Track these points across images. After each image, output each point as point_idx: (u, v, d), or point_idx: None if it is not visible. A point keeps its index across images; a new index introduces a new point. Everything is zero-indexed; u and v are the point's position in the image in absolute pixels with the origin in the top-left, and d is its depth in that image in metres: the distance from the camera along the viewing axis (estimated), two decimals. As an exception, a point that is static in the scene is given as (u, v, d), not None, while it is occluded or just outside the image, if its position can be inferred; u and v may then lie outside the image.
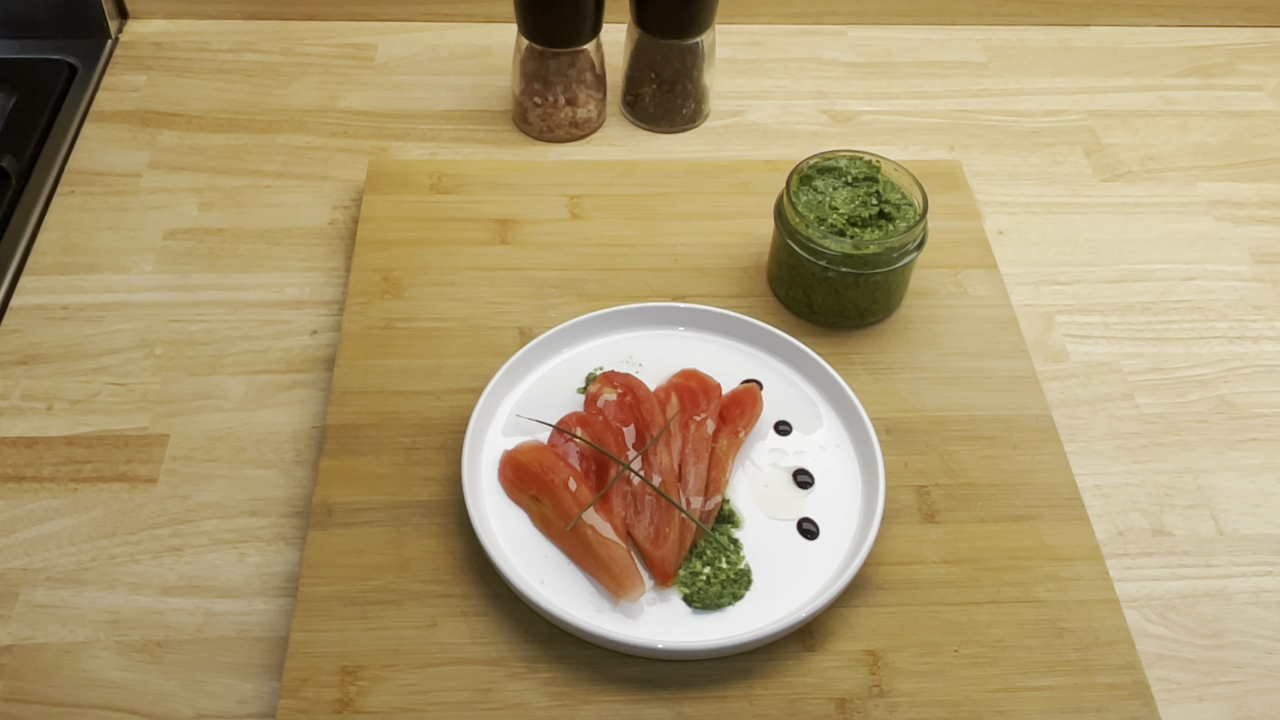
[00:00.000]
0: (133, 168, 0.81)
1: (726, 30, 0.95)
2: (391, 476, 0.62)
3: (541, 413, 0.65)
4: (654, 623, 0.56)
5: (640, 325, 0.70)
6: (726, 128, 0.88)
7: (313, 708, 0.53)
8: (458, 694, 0.54)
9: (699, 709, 0.55)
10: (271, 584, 0.60)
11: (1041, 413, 0.67)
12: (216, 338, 0.71)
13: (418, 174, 0.79)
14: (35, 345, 0.70)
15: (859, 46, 0.96)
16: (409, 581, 0.58)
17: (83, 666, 0.56)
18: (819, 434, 0.65)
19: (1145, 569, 0.63)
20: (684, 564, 0.58)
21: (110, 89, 0.88)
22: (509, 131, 0.87)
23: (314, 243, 0.77)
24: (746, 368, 0.68)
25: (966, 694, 0.56)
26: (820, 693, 0.55)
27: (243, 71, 0.90)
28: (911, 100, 0.92)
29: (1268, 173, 0.87)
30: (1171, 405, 0.71)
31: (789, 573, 0.59)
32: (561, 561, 0.59)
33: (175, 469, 0.64)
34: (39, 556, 0.60)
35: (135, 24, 0.94)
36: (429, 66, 0.92)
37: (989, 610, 0.59)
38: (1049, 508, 0.63)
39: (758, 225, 0.76)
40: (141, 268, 0.75)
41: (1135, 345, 0.74)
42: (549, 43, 0.80)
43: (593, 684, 0.55)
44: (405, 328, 0.70)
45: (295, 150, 0.84)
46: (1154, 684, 0.58)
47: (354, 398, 0.66)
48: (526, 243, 0.75)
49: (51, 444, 0.65)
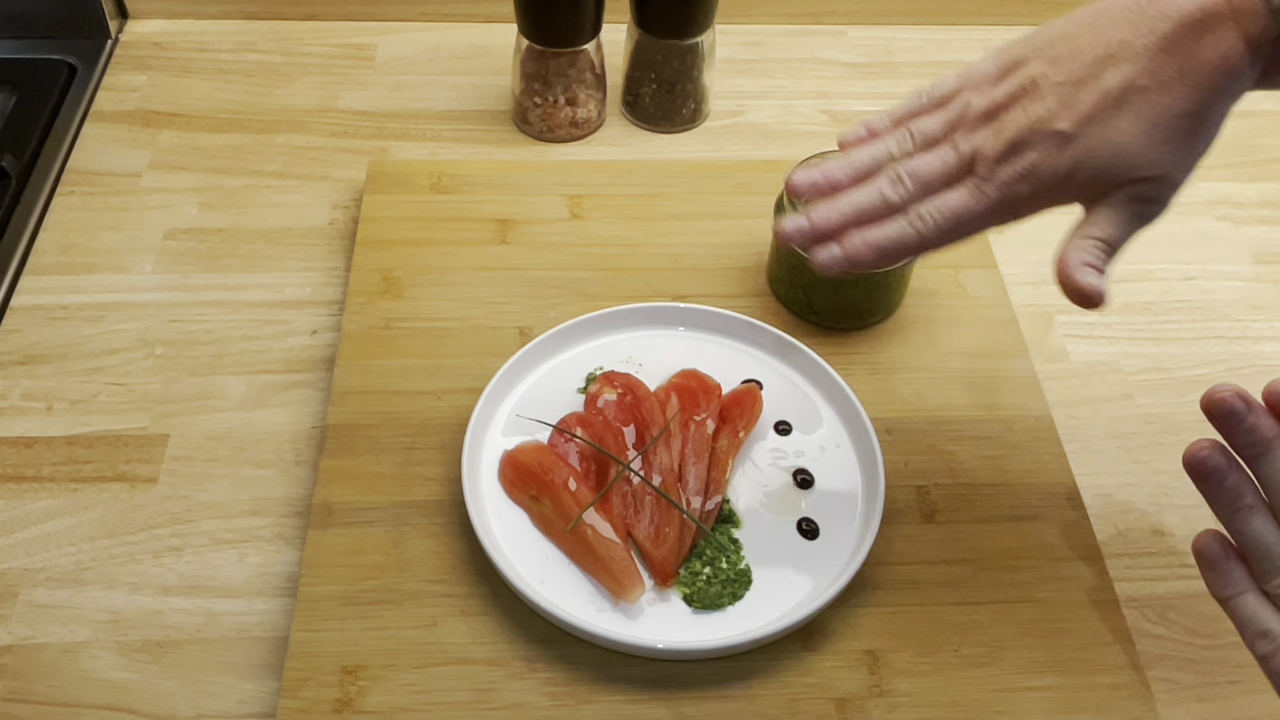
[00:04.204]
0: (133, 168, 0.81)
1: (726, 30, 0.95)
2: (391, 476, 0.62)
3: (541, 413, 0.65)
4: (654, 623, 0.57)
5: (640, 325, 0.70)
6: (726, 128, 0.88)
7: (313, 708, 0.53)
8: (458, 694, 0.54)
9: (699, 709, 0.55)
10: (271, 584, 0.60)
11: (1041, 413, 0.67)
12: (216, 338, 0.71)
13: (418, 174, 0.79)
14: (35, 345, 0.70)
15: (859, 46, 0.97)
16: (409, 581, 0.58)
17: (83, 666, 0.56)
18: (819, 434, 0.65)
19: (1145, 569, 0.63)
20: (684, 564, 0.58)
21: (110, 89, 0.88)
22: (509, 131, 0.87)
23: (314, 243, 0.77)
24: (746, 368, 0.68)
25: (966, 694, 0.56)
26: (820, 693, 0.55)
27: (243, 71, 0.90)
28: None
29: (1268, 173, 0.87)
30: (1171, 405, 0.71)
31: (789, 573, 0.59)
32: (561, 561, 0.59)
33: (175, 469, 0.64)
34: (39, 556, 0.60)
35: (135, 24, 0.94)
36: (429, 66, 0.92)
37: (989, 610, 0.59)
38: (1049, 508, 0.63)
39: (758, 225, 0.76)
40: (141, 268, 0.75)
41: (1135, 345, 0.74)
42: (549, 43, 0.80)
43: (593, 684, 0.55)
44: (405, 328, 0.70)
45: (295, 150, 0.84)
46: (1154, 684, 0.58)
47: (354, 398, 0.66)
48: (526, 243, 0.75)
49: (51, 444, 0.65)
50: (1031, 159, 0.48)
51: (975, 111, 0.51)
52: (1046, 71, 0.49)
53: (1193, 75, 0.47)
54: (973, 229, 0.51)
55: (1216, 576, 0.47)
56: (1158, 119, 0.47)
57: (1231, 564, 0.47)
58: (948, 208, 0.50)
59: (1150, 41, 0.47)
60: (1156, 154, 0.47)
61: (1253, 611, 0.46)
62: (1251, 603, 0.46)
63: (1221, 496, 0.46)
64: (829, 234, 0.52)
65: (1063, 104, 0.48)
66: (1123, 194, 0.48)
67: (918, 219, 0.50)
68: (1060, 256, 0.49)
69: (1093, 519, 0.63)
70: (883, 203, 0.51)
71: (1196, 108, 0.47)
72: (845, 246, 0.51)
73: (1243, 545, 0.46)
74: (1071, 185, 0.49)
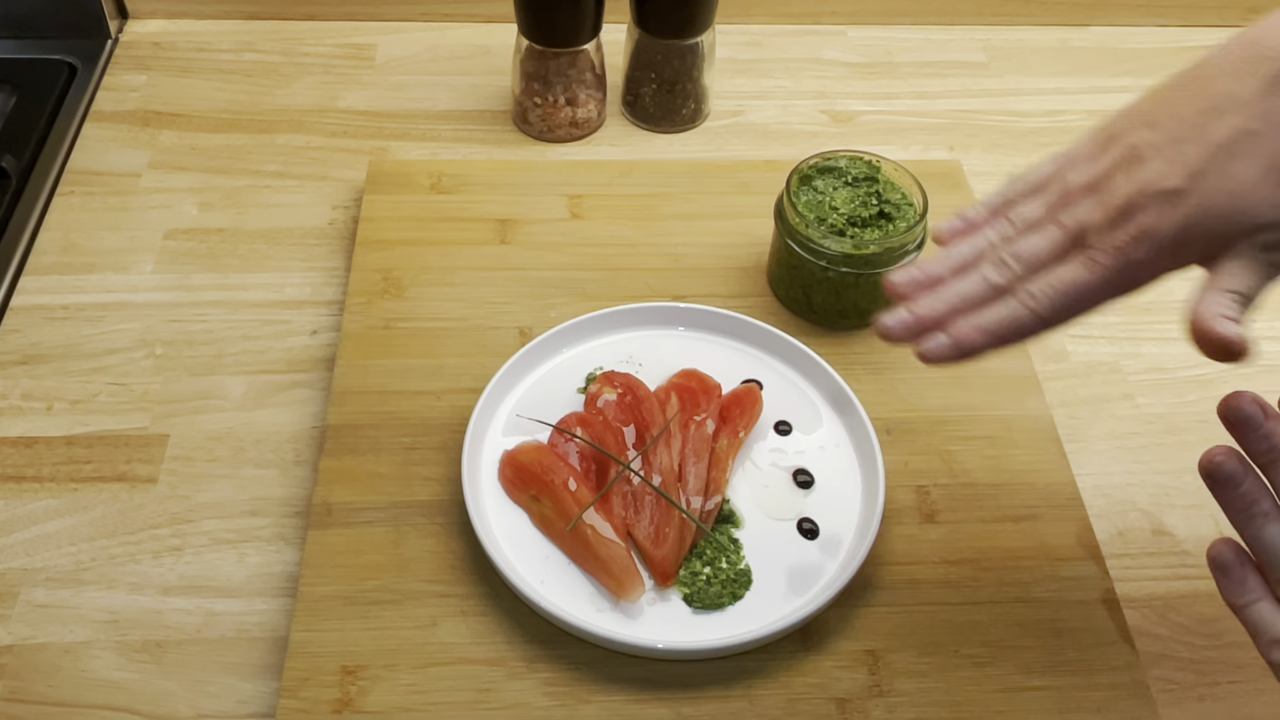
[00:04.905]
0: (133, 168, 0.81)
1: (726, 30, 0.95)
2: (391, 476, 0.62)
3: (541, 413, 0.65)
4: (654, 623, 0.57)
5: (640, 325, 0.70)
6: (726, 128, 0.88)
7: (313, 708, 0.53)
8: (458, 694, 0.54)
9: (699, 709, 0.55)
10: (271, 584, 0.60)
11: (1041, 413, 0.67)
12: (216, 338, 0.71)
13: (418, 174, 0.79)
14: (35, 345, 0.70)
15: (859, 46, 0.97)
16: (409, 581, 0.58)
17: (83, 666, 0.56)
18: (819, 434, 0.65)
19: (1145, 569, 0.63)
20: (684, 564, 0.58)
21: (110, 89, 0.88)
22: (509, 131, 0.87)
23: (314, 243, 0.77)
24: (746, 368, 0.68)
25: (966, 694, 0.56)
26: (820, 693, 0.55)
27: (243, 71, 0.90)
28: (911, 100, 0.92)
29: (1268, 173, 0.87)
30: (1171, 405, 0.71)
31: (789, 573, 0.59)
32: (561, 561, 0.59)
33: (175, 469, 0.64)
34: (39, 556, 0.60)
35: (135, 24, 0.94)
36: (429, 66, 0.92)
37: (989, 610, 0.59)
38: (1049, 508, 0.63)
39: (758, 225, 0.76)
40: (141, 268, 0.75)
41: (1135, 345, 0.74)
42: (549, 43, 0.80)
43: (593, 684, 0.55)
44: (405, 328, 0.70)
45: (295, 150, 0.84)
46: (1154, 684, 0.58)
47: (354, 398, 0.66)
48: (526, 243, 0.75)
49: (51, 444, 0.65)
50: (1144, 222, 0.46)
51: (1077, 187, 0.48)
52: (1147, 137, 0.46)
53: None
54: (1089, 302, 0.48)
55: (1230, 584, 0.46)
56: (1274, 161, 0.44)
57: (1246, 571, 0.46)
58: (1061, 281, 0.47)
59: (1255, 85, 0.45)
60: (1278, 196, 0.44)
61: (1267, 619, 0.45)
62: (1266, 610, 0.46)
63: (1236, 503, 0.46)
64: (934, 325, 0.49)
65: (1170, 163, 0.45)
66: (1248, 244, 0.45)
67: (1029, 297, 0.47)
68: (1193, 310, 0.45)
69: (1093, 519, 0.63)
70: (989, 288, 0.49)
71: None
72: (953, 334, 0.48)
73: (1257, 552, 0.46)
74: (1191, 242, 0.46)
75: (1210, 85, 0.46)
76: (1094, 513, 0.64)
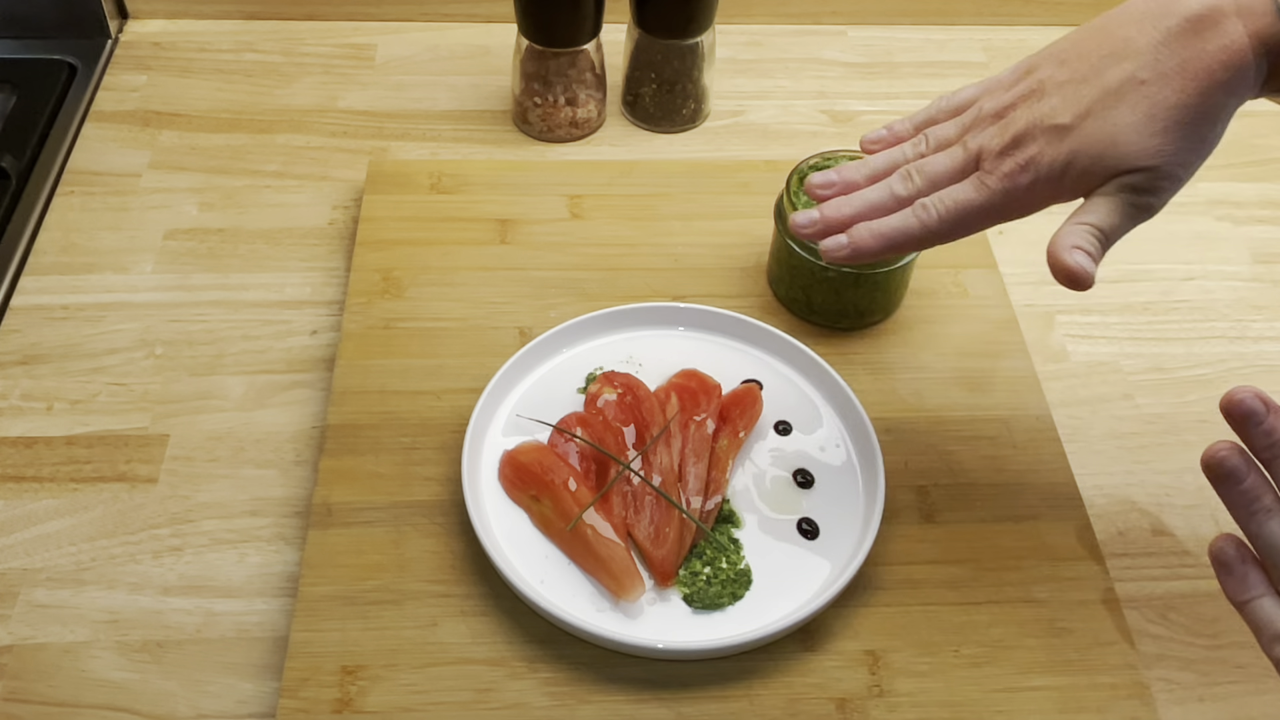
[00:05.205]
0: (133, 168, 0.81)
1: (726, 30, 0.95)
2: (391, 476, 0.62)
3: (541, 413, 0.65)
4: (654, 623, 0.57)
5: (640, 325, 0.70)
6: (726, 128, 0.88)
7: (313, 708, 0.53)
8: (458, 694, 0.54)
9: (699, 709, 0.55)
10: (271, 584, 0.60)
11: (1041, 413, 0.67)
12: (216, 338, 0.71)
13: (418, 174, 0.79)
14: (35, 345, 0.70)
15: (859, 46, 0.97)
16: (409, 581, 0.58)
17: (83, 666, 0.56)
18: (819, 434, 0.65)
19: (1145, 569, 0.63)
20: (684, 564, 0.58)
21: (110, 89, 0.88)
22: (509, 131, 0.87)
23: (314, 243, 0.77)
24: (746, 368, 0.68)
25: (966, 694, 0.56)
26: (820, 693, 0.55)
27: (243, 71, 0.90)
28: (911, 100, 0.92)
29: (1268, 173, 0.87)
30: (1171, 405, 0.71)
31: (789, 573, 0.59)
32: (561, 561, 0.59)
33: (175, 469, 0.64)
34: (39, 556, 0.60)
35: (135, 24, 0.94)
36: (429, 66, 0.92)
37: (989, 610, 0.59)
38: (1049, 508, 0.63)
39: (758, 225, 0.76)
40: (141, 268, 0.75)
41: (1135, 345, 0.74)
42: (549, 43, 0.80)
43: (593, 684, 0.55)
44: (405, 328, 0.70)
45: (295, 150, 0.84)
46: (1154, 684, 0.58)
47: (354, 398, 0.66)
48: (526, 243, 0.75)
49: (51, 444, 0.65)
50: (1031, 152, 0.50)
51: (986, 114, 0.53)
52: (1054, 73, 0.51)
53: (1193, 68, 0.48)
54: (975, 222, 0.52)
55: (1233, 581, 0.47)
56: (1154, 110, 0.48)
57: (1248, 568, 0.46)
58: (950, 199, 0.52)
59: (1154, 37, 0.49)
60: (1151, 144, 0.48)
61: (1270, 616, 0.46)
62: (1268, 607, 0.46)
63: (1239, 499, 0.46)
64: (839, 226, 0.55)
65: (1065, 101, 0.50)
66: (1117, 184, 0.49)
67: (921, 209, 0.53)
68: (1052, 239, 0.50)
69: (1093, 519, 0.63)
70: (892, 198, 0.54)
71: (1194, 100, 0.48)
72: (852, 236, 0.54)
73: (1259, 549, 0.46)
74: (1069, 177, 0.50)
75: (1117, 31, 0.50)
76: (1094, 513, 0.64)
